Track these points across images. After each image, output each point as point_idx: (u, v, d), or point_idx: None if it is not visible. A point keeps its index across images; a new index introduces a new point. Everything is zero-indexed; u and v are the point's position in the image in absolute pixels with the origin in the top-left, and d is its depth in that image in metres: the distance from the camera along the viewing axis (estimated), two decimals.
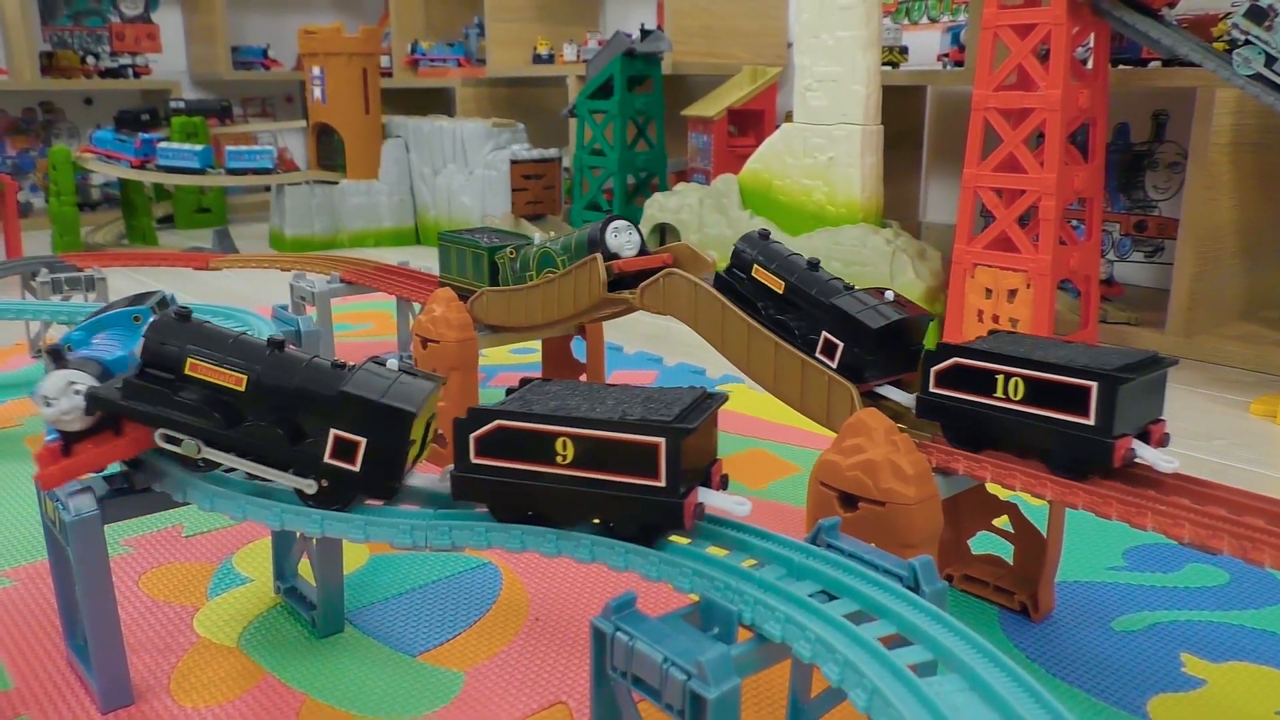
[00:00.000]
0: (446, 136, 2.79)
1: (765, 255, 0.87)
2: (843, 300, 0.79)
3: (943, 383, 0.72)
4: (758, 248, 0.88)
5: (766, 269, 0.86)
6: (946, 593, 0.59)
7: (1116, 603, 0.87)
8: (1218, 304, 1.75)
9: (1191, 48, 1.42)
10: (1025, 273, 1.59)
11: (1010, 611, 0.85)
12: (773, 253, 0.87)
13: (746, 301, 0.86)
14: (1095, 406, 0.65)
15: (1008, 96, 1.60)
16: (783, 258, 0.86)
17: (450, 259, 1.24)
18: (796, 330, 0.83)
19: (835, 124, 1.88)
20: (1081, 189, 1.60)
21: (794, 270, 0.85)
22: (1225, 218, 1.71)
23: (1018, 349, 0.71)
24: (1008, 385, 0.69)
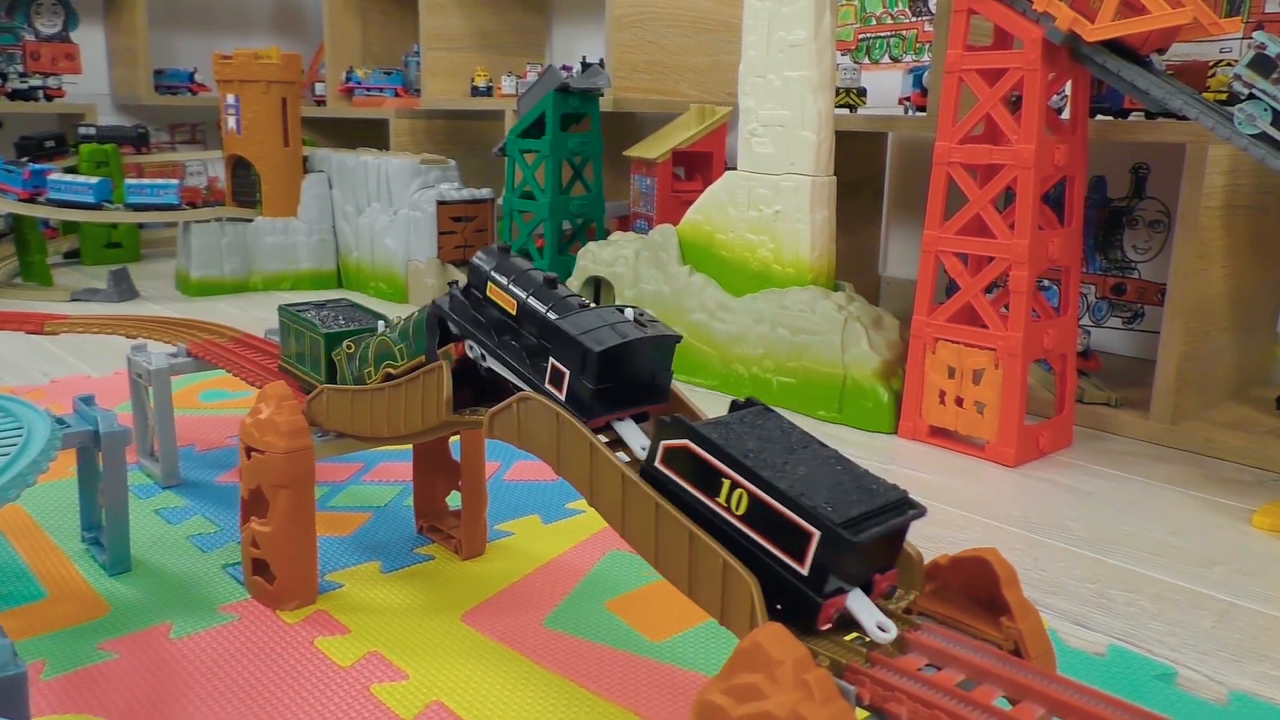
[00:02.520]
0: (371, 172, 2.57)
1: (501, 269, 0.76)
2: (570, 319, 0.69)
3: (670, 461, 0.61)
4: (494, 261, 0.77)
5: (501, 286, 0.74)
6: None
7: None
8: (1207, 384, 1.55)
9: (1185, 101, 1.23)
10: (993, 351, 1.39)
11: None
12: (510, 267, 0.76)
13: (482, 327, 0.77)
14: (812, 557, 0.54)
15: (974, 150, 1.41)
16: (520, 272, 0.75)
17: (290, 340, 1.03)
18: (529, 360, 0.73)
19: (782, 174, 1.68)
20: (1057, 256, 1.41)
21: (529, 286, 0.73)
22: (1216, 289, 1.52)
23: (762, 447, 0.59)
24: (732, 494, 0.58)
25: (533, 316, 0.71)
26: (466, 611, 0.94)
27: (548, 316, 0.69)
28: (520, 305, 0.72)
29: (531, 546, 1.09)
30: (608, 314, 0.69)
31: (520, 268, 0.75)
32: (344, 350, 0.94)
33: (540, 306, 0.71)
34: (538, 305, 0.71)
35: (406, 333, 0.86)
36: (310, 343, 0.99)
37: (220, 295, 2.55)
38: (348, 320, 1.01)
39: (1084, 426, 1.55)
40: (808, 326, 1.62)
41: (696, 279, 1.82)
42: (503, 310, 0.73)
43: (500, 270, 0.75)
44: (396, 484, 1.26)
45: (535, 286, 0.72)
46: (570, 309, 0.70)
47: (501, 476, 1.29)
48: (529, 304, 0.71)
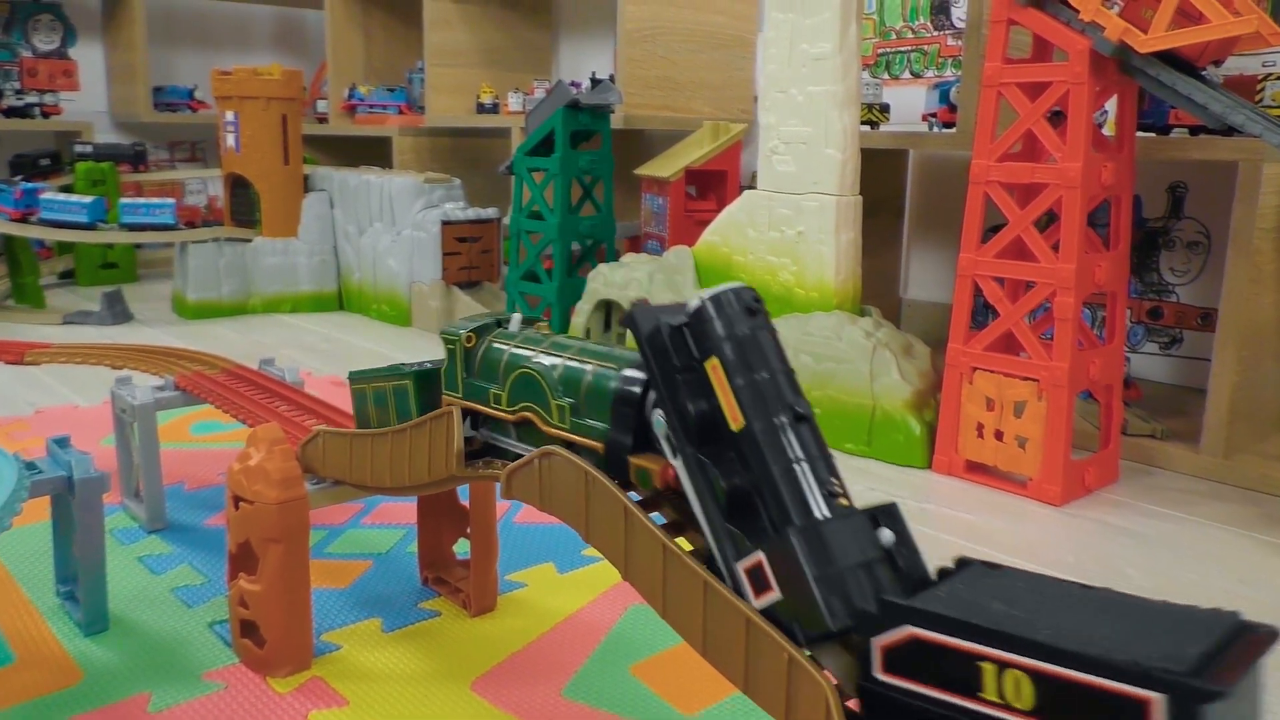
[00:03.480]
0: (373, 192, 2.49)
1: (738, 348, 0.51)
2: (808, 539, 0.47)
3: (898, 664, 0.43)
4: (730, 328, 0.51)
5: (730, 382, 0.50)
6: None
7: None
8: (1259, 415, 1.47)
9: (1249, 116, 1.14)
10: (1036, 382, 1.30)
11: None
12: (751, 353, 0.51)
13: (682, 399, 0.52)
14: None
15: (1015, 169, 1.32)
16: (763, 376, 0.51)
17: (368, 407, 0.84)
18: (726, 509, 0.51)
19: (805, 193, 1.60)
20: (1104, 282, 1.32)
21: (766, 411, 0.50)
22: (1268, 314, 1.43)
23: (1012, 608, 0.42)
24: (1004, 682, 0.40)
25: (761, 475, 0.50)
26: (477, 679, 0.85)
27: (784, 500, 0.49)
28: (749, 437, 0.50)
29: (547, 600, 1.00)
30: (862, 534, 0.48)
31: (770, 364, 0.51)
32: (459, 342, 0.70)
33: (777, 478, 0.49)
34: (776, 474, 0.49)
35: (575, 388, 0.61)
36: (398, 396, 0.80)
37: (218, 318, 2.47)
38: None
39: (1128, 460, 1.46)
40: (833, 354, 1.53)
41: None
42: (717, 408, 0.51)
43: (736, 352, 0.51)
44: (399, 527, 1.17)
45: (774, 417, 0.50)
46: (815, 510, 0.48)
47: (512, 519, 1.20)
48: (764, 460, 0.50)
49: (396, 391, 0.79)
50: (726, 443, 0.51)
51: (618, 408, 0.58)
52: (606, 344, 0.65)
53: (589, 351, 0.62)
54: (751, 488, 0.50)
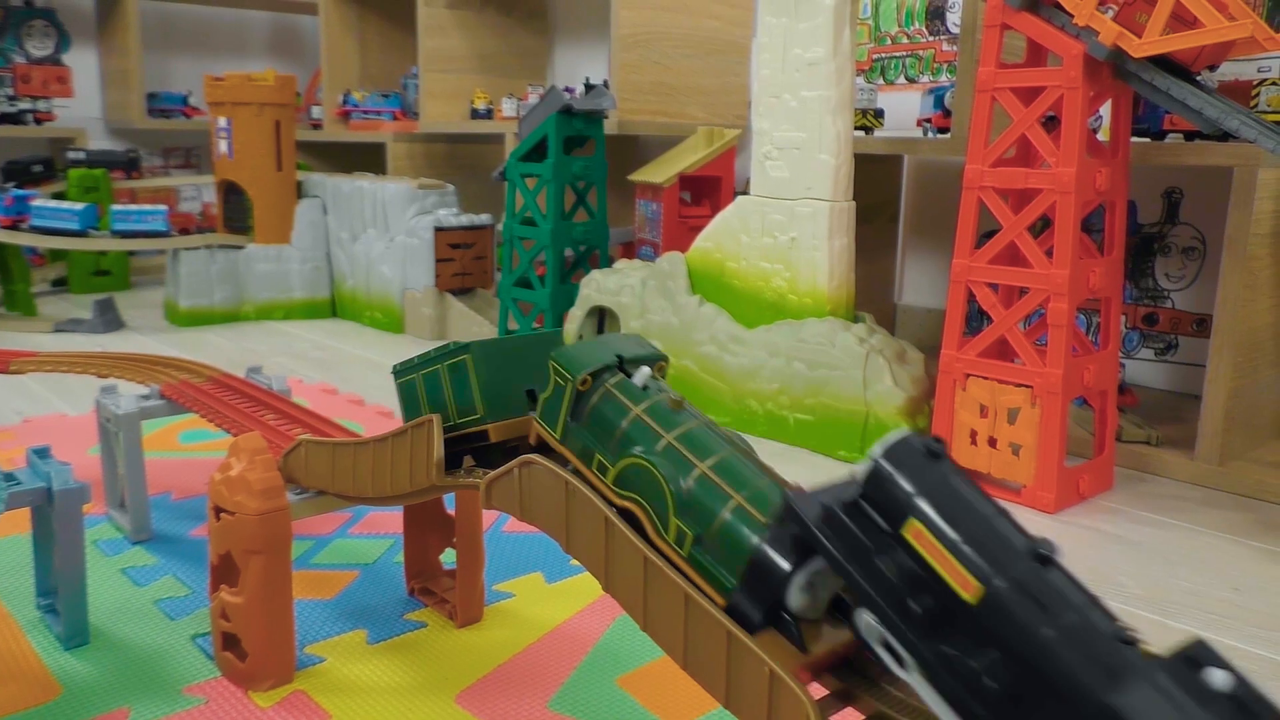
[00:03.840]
0: (366, 198, 2.48)
1: (937, 503, 0.41)
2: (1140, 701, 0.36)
3: None
4: (922, 480, 0.42)
5: (944, 542, 0.41)
6: None
7: None
8: (1254, 422, 1.46)
9: (1243, 121, 1.13)
10: (1030, 389, 1.29)
11: None
12: (955, 500, 0.41)
13: (887, 590, 0.42)
14: None
15: (1009, 174, 1.32)
16: (980, 520, 0.41)
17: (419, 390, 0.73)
18: (996, 706, 0.39)
19: (798, 199, 1.59)
20: (1098, 287, 1.31)
21: (1006, 562, 0.39)
22: (1264, 320, 1.43)
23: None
24: None
25: (1031, 649, 0.38)
26: (461, 691, 0.84)
27: (1081, 667, 0.37)
28: (995, 603, 0.39)
29: (534, 611, 0.98)
30: (1194, 685, 0.36)
31: (979, 509, 0.41)
32: (572, 383, 0.58)
33: (1057, 643, 0.37)
34: (1054, 638, 0.37)
35: (706, 520, 0.51)
36: (452, 373, 0.69)
37: (210, 325, 2.45)
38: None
39: (1123, 467, 1.45)
40: (827, 361, 1.52)
41: (707, 309, 1.72)
42: (939, 581, 0.40)
43: (936, 505, 0.41)
44: (388, 537, 1.16)
45: (1012, 567, 0.39)
46: (1131, 667, 0.37)
47: (500, 528, 1.19)
48: (1030, 624, 0.38)
49: (452, 371, 0.68)
50: (961, 624, 0.40)
51: (755, 576, 0.48)
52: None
53: (732, 471, 0.52)
54: (1020, 668, 0.38)
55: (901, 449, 0.43)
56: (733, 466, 0.53)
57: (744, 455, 0.54)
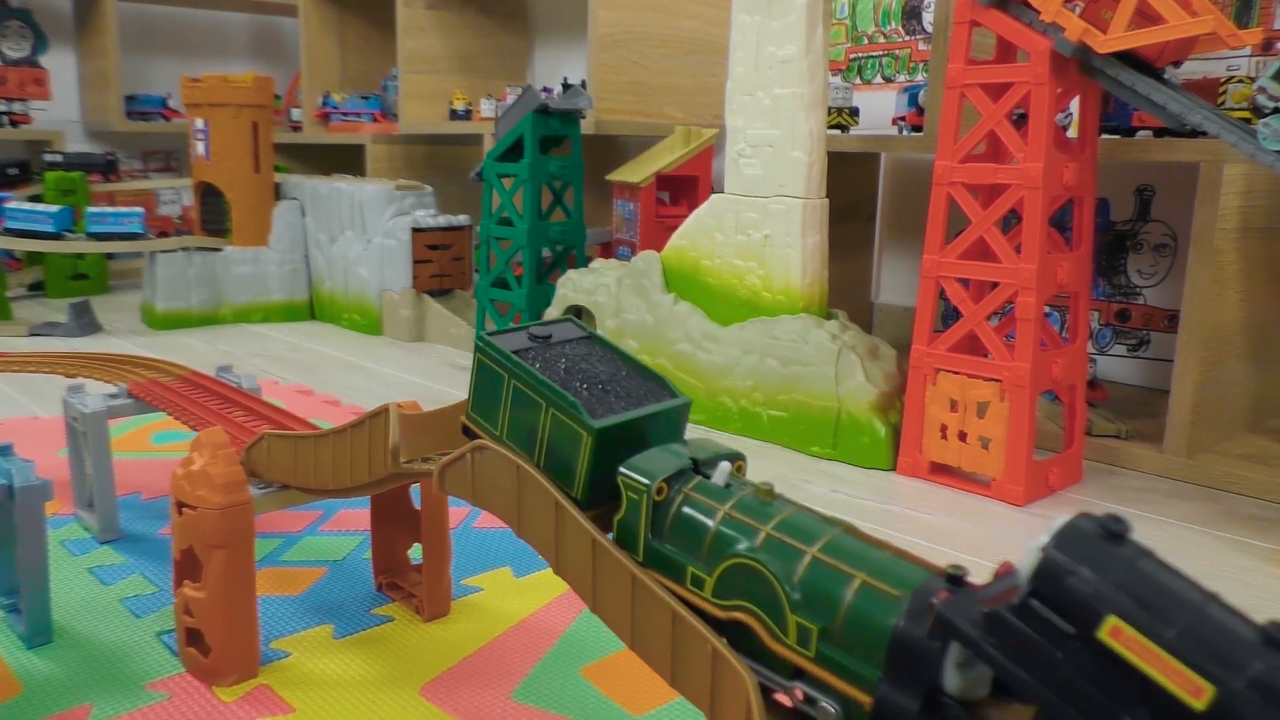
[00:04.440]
0: (344, 199, 2.47)
1: (1138, 603, 0.35)
2: None
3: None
4: (1116, 575, 0.36)
5: (1154, 639, 0.35)
6: None
7: None
8: (1222, 415, 1.47)
9: (1206, 116, 1.15)
10: (999, 383, 1.30)
11: None
12: (1162, 597, 0.36)
13: (1080, 700, 0.36)
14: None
15: (978, 170, 1.33)
16: (1189, 618, 0.35)
17: (504, 403, 0.60)
18: None
19: (771, 196, 1.59)
20: (1066, 281, 1.32)
21: (1233, 658, 0.34)
22: (1231, 315, 1.44)
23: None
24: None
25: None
26: (426, 683, 0.84)
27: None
28: (1228, 706, 0.33)
29: (501, 605, 0.98)
30: None
31: (1186, 597, 0.36)
32: (647, 494, 0.52)
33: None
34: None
35: (830, 608, 0.45)
36: (558, 429, 0.57)
37: (188, 328, 2.44)
38: (613, 388, 0.59)
39: (1093, 460, 1.46)
40: (799, 357, 1.53)
41: (681, 308, 1.73)
42: (1154, 688, 0.34)
43: (1136, 597, 0.35)
44: (357, 534, 1.15)
45: (1247, 664, 0.33)
46: None
47: (471, 524, 1.19)
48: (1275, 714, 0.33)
49: (559, 426, 0.57)
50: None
51: (902, 656, 0.42)
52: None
53: (846, 550, 0.46)
54: None
55: (1074, 534, 0.37)
56: (846, 545, 0.47)
57: (850, 533, 0.49)
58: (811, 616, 0.45)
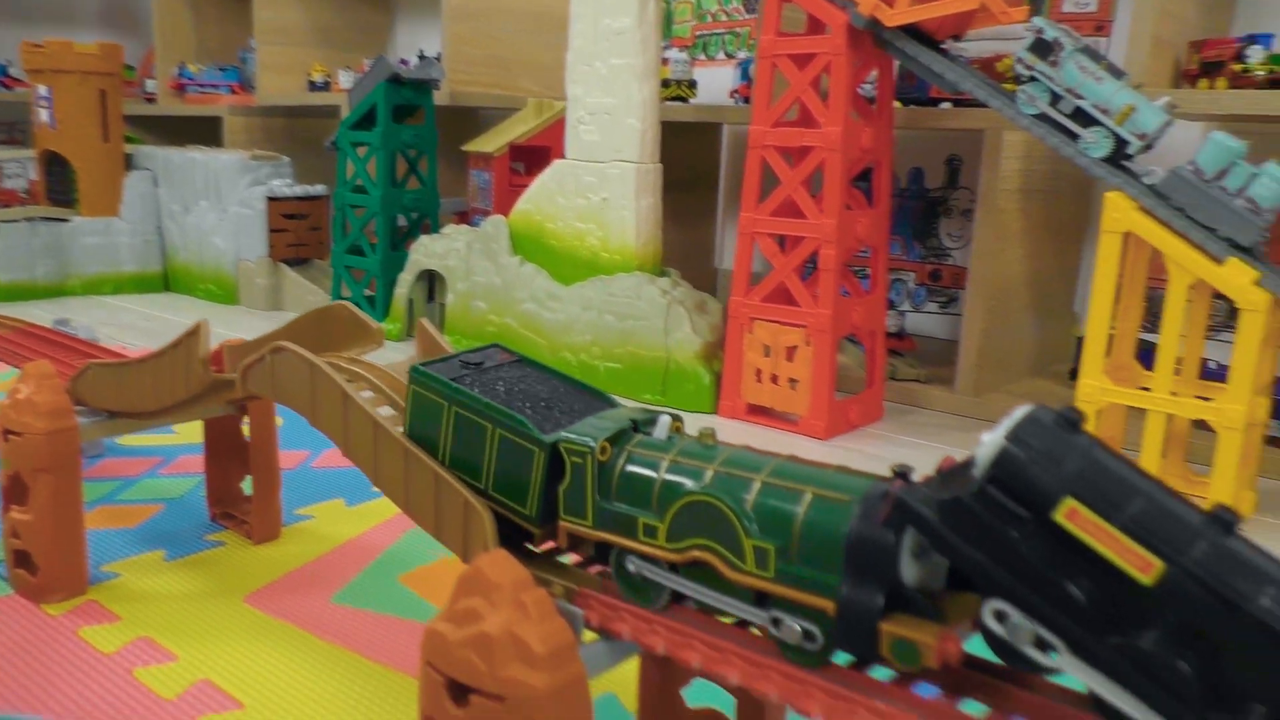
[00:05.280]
0: (199, 169, 2.46)
1: (1091, 484, 0.38)
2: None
3: None
4: (1073, 463, 0.38)
5: (1113, 524, 0.37)
6: None
7: None
8: (1008, 360, 1.63)
9: (976, 84, 1.29)
10: (804, 328, 1.42)
11: None
12: (1112, 478, 0.38)
13: (1039, 583, 0.39)
14: None
15: (786, 133, 1.45)
16: (1145, 498, 0.38)
17: (445, 432, 0.59)
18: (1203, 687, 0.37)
19: (609, 161, 1.69)
20: (865, 236, 1.45)
21: (1182, 536, 0.37)
22: (1015, 269, 1.60)
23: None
24: None
25: (1237, 626, 0.36)
26: (251, 593, 0.90)
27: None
28: (1178, 580, 0.36)
29: (331, 529, 1.05)
30: None
31: (1137, 483, 0.38)
32: (591, 455, 0.53)
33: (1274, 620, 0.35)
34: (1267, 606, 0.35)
35: (784, 525, 0.46)
36: (506, 450, 0.56)
37: (33, 300, 2.40)
38: (555, 404, 0.59)
39: (896, 402, 1.61)
40: (633, 312, 1.63)
41: (527, 269, 1.81)
42: (1104, 565, 0.37)
43: (1092, 487, 0.38)
44: (195, 475, 1.20)
45: (1196, 542, 0.37)
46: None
47: (310, 464, 1.25)
48: (1234, 598, 0.36)
49: (507, 446, 0.56)
50: (1136, 609, 0.38)
51: (860, 556, 0.43)
52: (430, 314, 0.57)
53: (791, 472, 0.48)
54: (1222, 648, 0.36)
55: (1030, 427, 0.39)
56: (791, 468, 0.48)
57: (793, 460, 0.50)
58: (767, 537, 0.46)
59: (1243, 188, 1.10)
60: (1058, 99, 1.20)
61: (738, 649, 0.48)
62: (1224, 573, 0.36)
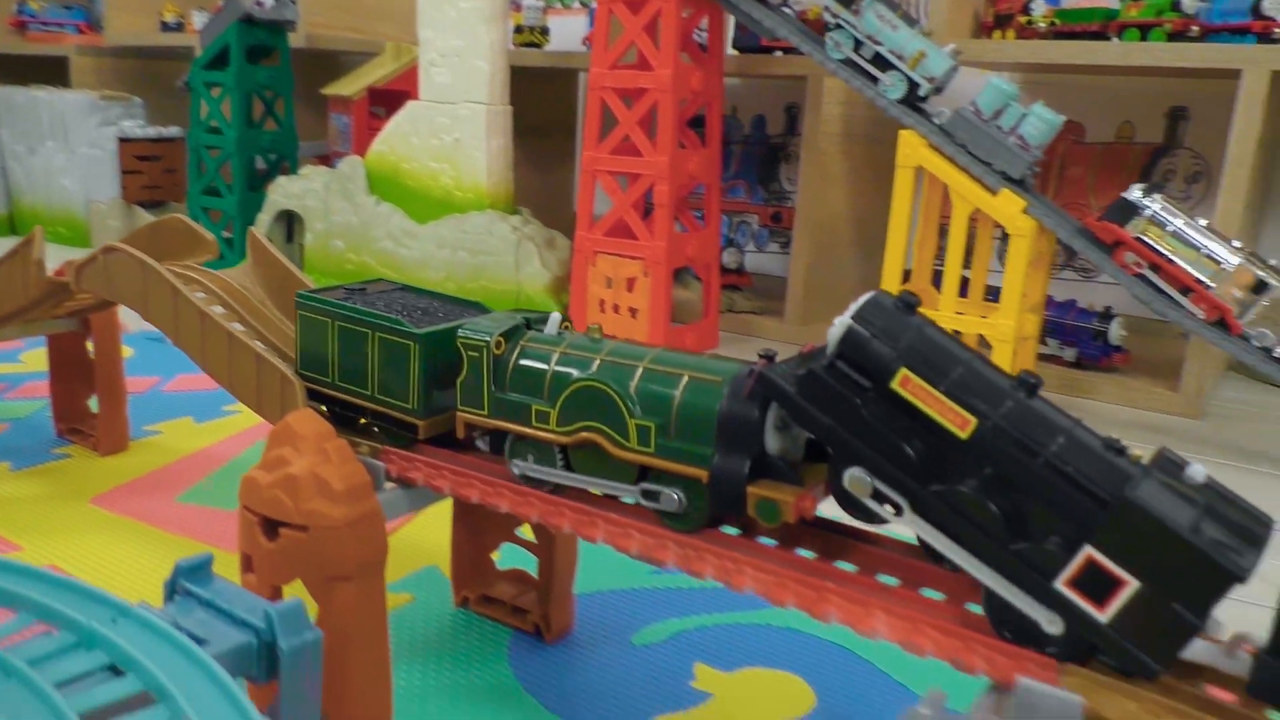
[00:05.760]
0: (44, 109, 2.40)
1: (923, 357, 0.44)
2: (1152, 492, 0.40)
3: None
4: (905, 336, 0.45)
5: (937, 388, 0.44)
6: (317, 644, 0.45)
7: (642, 612, 0.78)
8: (834, 292, 1.77)
9: (790, 30, 1.40)
10: (642, 260, 1.52)
11: (525, 634, 0.74)
12: (939, 352, 0.44)
13: (878, 442, 0.45)
14: None
15: (622, 75, 1.53)
16: (965, 366, 0.44)
17: (330, 347, 0.63)
18: (1005, 527, 0.43)
19: (460, 103, 1.75)
20: (697, 174, 1.56)
21: (994, 396, 0.43)
22: (839, 209, 1.74)
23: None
24: None
25: (1034, 470, 0.42)
26: (97, 496, 0.96)
27: (1085, 473, 0.41)
28: (990, 433, 0.42)
29: (179, 443, 1.11)
30: (1178, 476, 0.42)
31: (958, 354, 0.44)
32: (487, 349, 0.56)
33: (1063, 456, 0.41)
34: (1059, 451, 0.42)
35: (663, 405, 0.51)
36: (386, 351, 0.60)
37: None
38: (433, 312, 0.64)
39: (732, 332, 1.73)
40: (485, 248, 1.70)
41: (383, 208, 1.86)
42: (931, 424, 0.44)
43: (921, 358, 0.44)
44: (43, 399, 1.23)
45: (1006, 401, 0.43)
46: (1114, 465, 0.41)
47: (161, 388, 1.29)
48: (1032, 446, 0.42)
49: (387, 346, 0.60)
50: (956, 461, 0.43)
51: (729, 430, 0.49)
52: (289, 254, 0.64)
53: (669, 359, 0.53)
54: (1022, 488, 0.42)
55: (872, 309, 0.45)
56: (672, 355, 0.53)
57: (670, 349, 0.55)
58: (649, 416, 0.51)
59: (1015, 126, 1.24)
60: (860, 45, 1.32)
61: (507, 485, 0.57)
62: (1025, 427, 0.42)
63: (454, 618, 0.76)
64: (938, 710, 0.40)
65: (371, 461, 0.61)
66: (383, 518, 0.58)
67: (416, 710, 0.65)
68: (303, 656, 0.45)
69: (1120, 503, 0.39)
